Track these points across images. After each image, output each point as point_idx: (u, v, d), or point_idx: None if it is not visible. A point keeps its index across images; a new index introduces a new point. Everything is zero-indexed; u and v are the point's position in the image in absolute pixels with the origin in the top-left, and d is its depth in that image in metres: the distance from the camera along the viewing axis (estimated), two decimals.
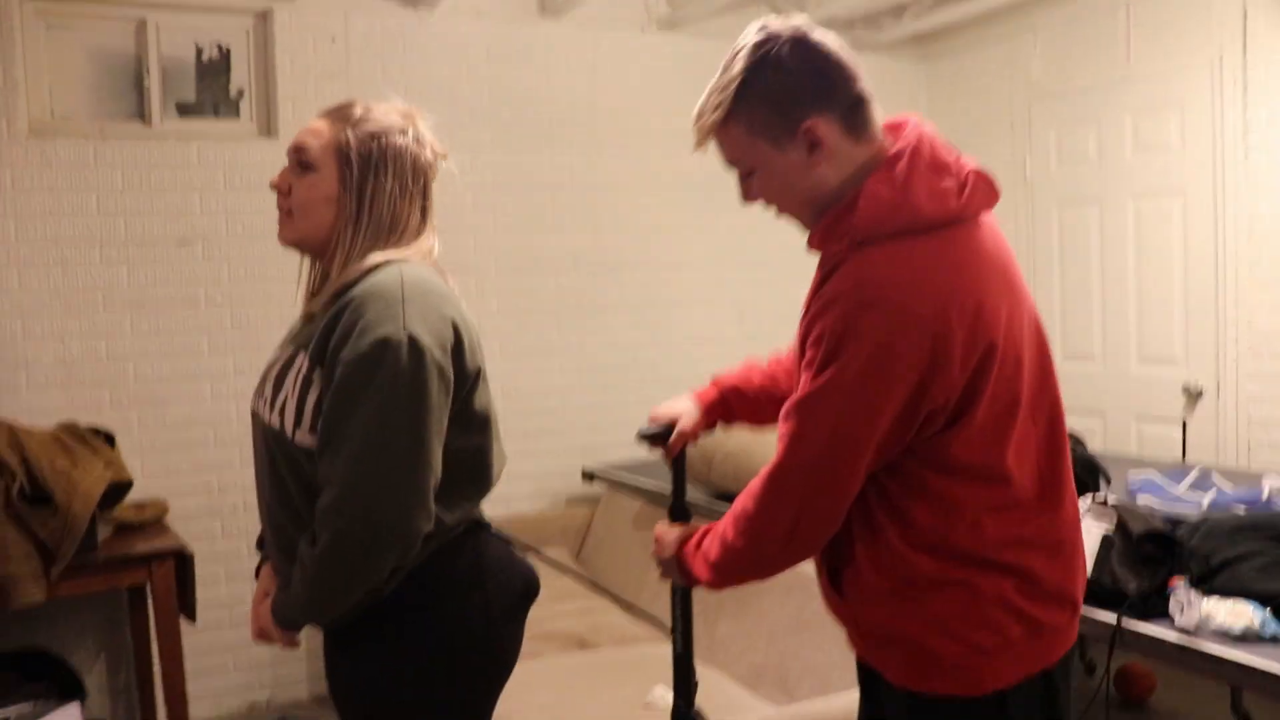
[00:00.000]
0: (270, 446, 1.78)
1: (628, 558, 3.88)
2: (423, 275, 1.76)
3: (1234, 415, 4.11)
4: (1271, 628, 2.08)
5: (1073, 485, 1.64)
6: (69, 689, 3.30)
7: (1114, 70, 4.50)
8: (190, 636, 3.62)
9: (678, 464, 2.00)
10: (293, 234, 1.84)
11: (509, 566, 1.90)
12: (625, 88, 4.62)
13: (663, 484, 3.86)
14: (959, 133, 5.19)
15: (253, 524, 3.98)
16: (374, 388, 1.63)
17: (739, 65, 1.54)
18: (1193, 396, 4.26)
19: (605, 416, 4.59)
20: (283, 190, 1.84)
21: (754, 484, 1.58)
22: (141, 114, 3.92)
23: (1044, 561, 1.57)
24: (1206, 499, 2.98)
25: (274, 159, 3.92)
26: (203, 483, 3.87)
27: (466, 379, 1.75)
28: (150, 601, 3.33)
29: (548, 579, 1.99)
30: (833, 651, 2.80)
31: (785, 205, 1.62)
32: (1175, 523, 2.47)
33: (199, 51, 4.00)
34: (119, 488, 3.27)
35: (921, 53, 5.34)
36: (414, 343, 1.65)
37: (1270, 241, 3.98)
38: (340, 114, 1.85)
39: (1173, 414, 4.30)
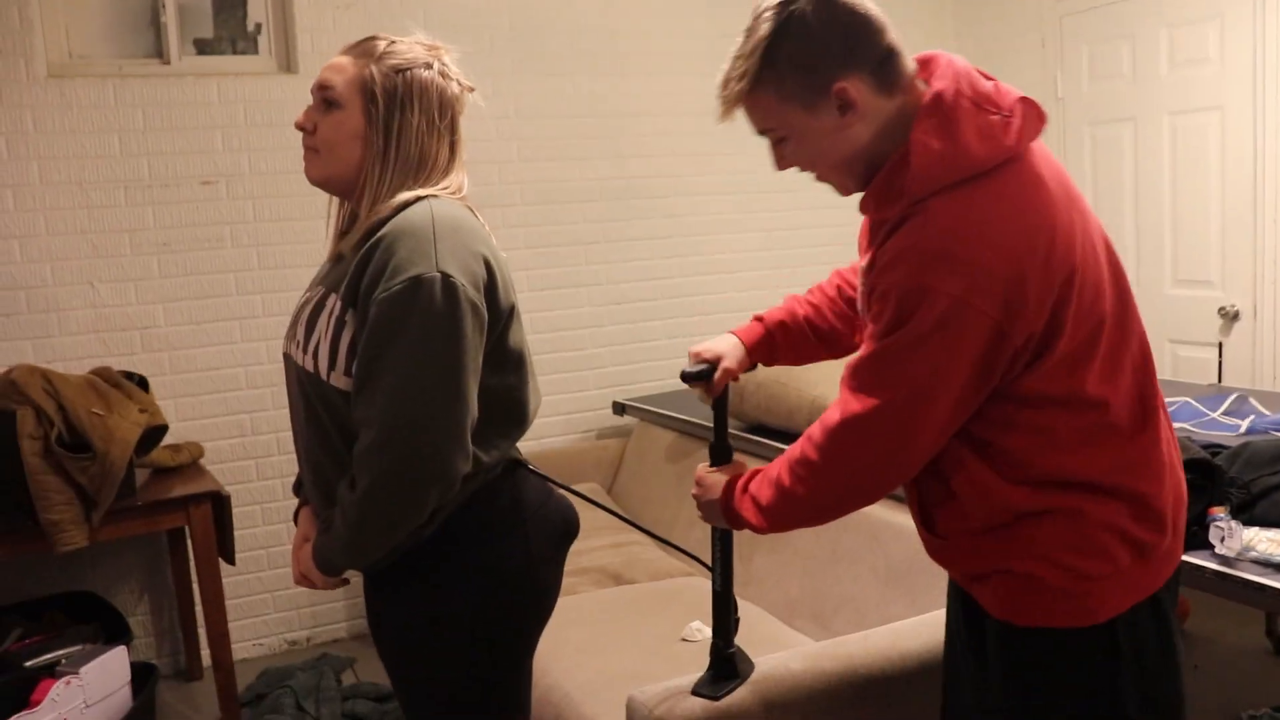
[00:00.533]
0: (306, 390, 1.77)
1: (662, 490, 3.89)
2: (454, 211, 1.73)
3: (1271, 338, 4.06)
4: None
5: (1164, 403, 1.61)
6: (115, 630, 3.36)
7: None
8: (229, 577, 3.69)
9: (720, 404, 1.96)
10: (319, 172, 1.82)
11: (548, 505, 1.90)
12: (647, 11, 4.53)
13: (695, 416, 3.86)
14: (987, 52, 5.07)
15: (287, 465, 4.03)
16: (408, 327, 1.61)
17: (763, 29, 1.48)
18: (1229, 319, 4.20)
19: (635, 348, 4.58)
20: (308, 128, 1.81)
21: (816, 431, 1.55)
22: (160, 52, 3.87)
23: (1150, 484, 1.54)
24: (1245, 424, 2.96)
25: (294, 95, 3.92)
26: (236, 424, 3.90)
27: (500, 316, 1.74)
28: (190, 544, 3.37)
29: (583, 514, 1.99)
30: (868, 584, 2.81)
31: (822, 170, 1.58)
32: (1214, 450, 2.44)
33: None
34: (155, 432, 3.30)
35: None
36: (447, 280, 1.62)
37: None
38: (364, 49, 1.81)
39: (1208, 337, 4.25)
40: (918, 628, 2.26)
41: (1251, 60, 4.02)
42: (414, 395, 1.61)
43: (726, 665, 2.08)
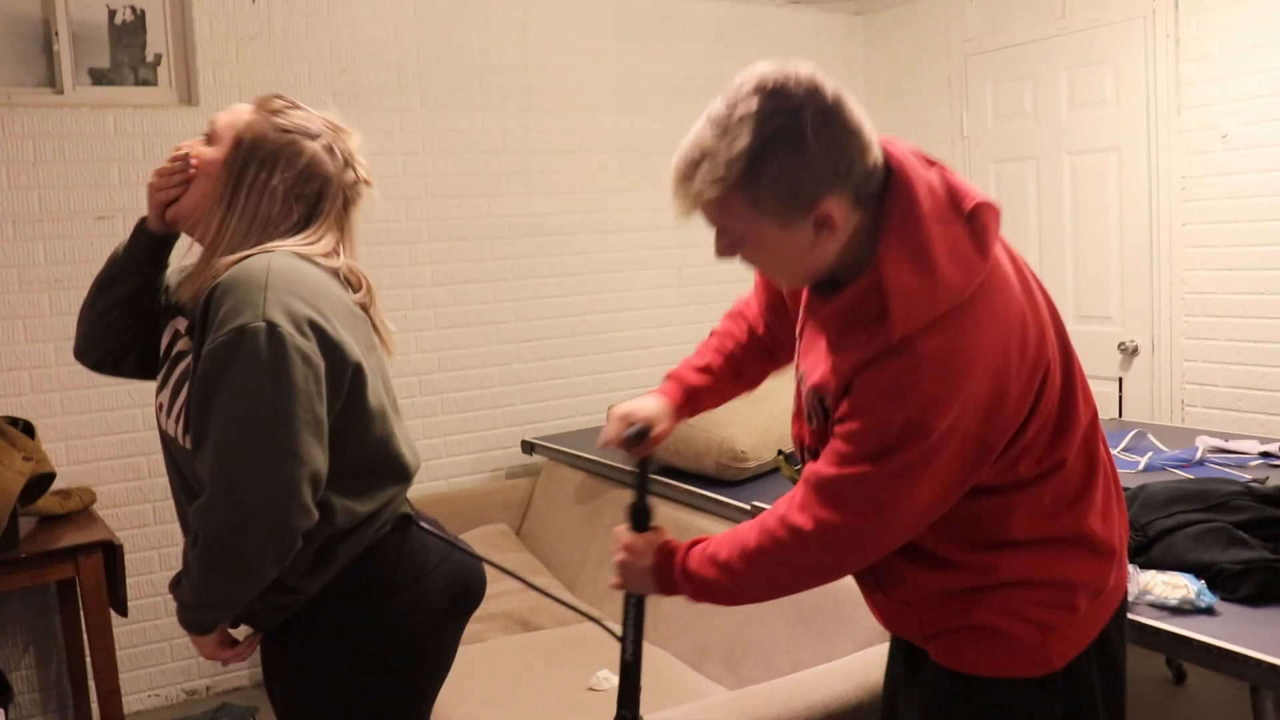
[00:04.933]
0: (172, 452, 1.75)
1: (571, 530, 3.84)
2: (292, 265, 1.66)
3: (1169, 373, 4.17)
4: (1207, 598, 2.11)
5: (1102, 433, 1.60)
6: None
7: (1049, 25, 4.48)
8: (124, 626, 3.55)
9: (643, 464, 1.88)
10: (176, 205, 1.78)
11: (445, 564, 1.84)
12: (558, 47, 4.52)
13: (604, 457, 3.83)
14: (896, 89, 5.16)
15: None
16: (229, 379, 1.55)
17: (745, 137, 1.33)
18: (1129, 354, 4.30)
19: (545, 386, 4.55)
20: (177, 157, 1.77)
21: (777, 528, 1.49)
22: (52, 81, 3.75)
23: (1101, 523, 1.54)
24: (1143, 460, 3.02)
25: (195, 127, 3.80)
26: (131, 466, 3.76)
27: (344, 372, 1.66)
28: (79, 594, 3.23)
29: (490, 558, 1.93)
30: (776, 628, 2.80)
31: (772, 274, 1.53)
32: None
33: (111, 14, 3.83)
34: (41, 480, 3.16)
35: (857, 6, 5.27)
36: (273, 329, 1.56)
37: (1202, 199, 4.01)
38: (263, 101, 1.79)
39: (1109, 372, 4.35)
40: (823, 677, 2.25)
41: (1144, 102, 4.14)
42: (240, 453, 1.55)
43: None
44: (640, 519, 1.78)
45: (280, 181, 1.73)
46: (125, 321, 1.88)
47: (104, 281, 1.88)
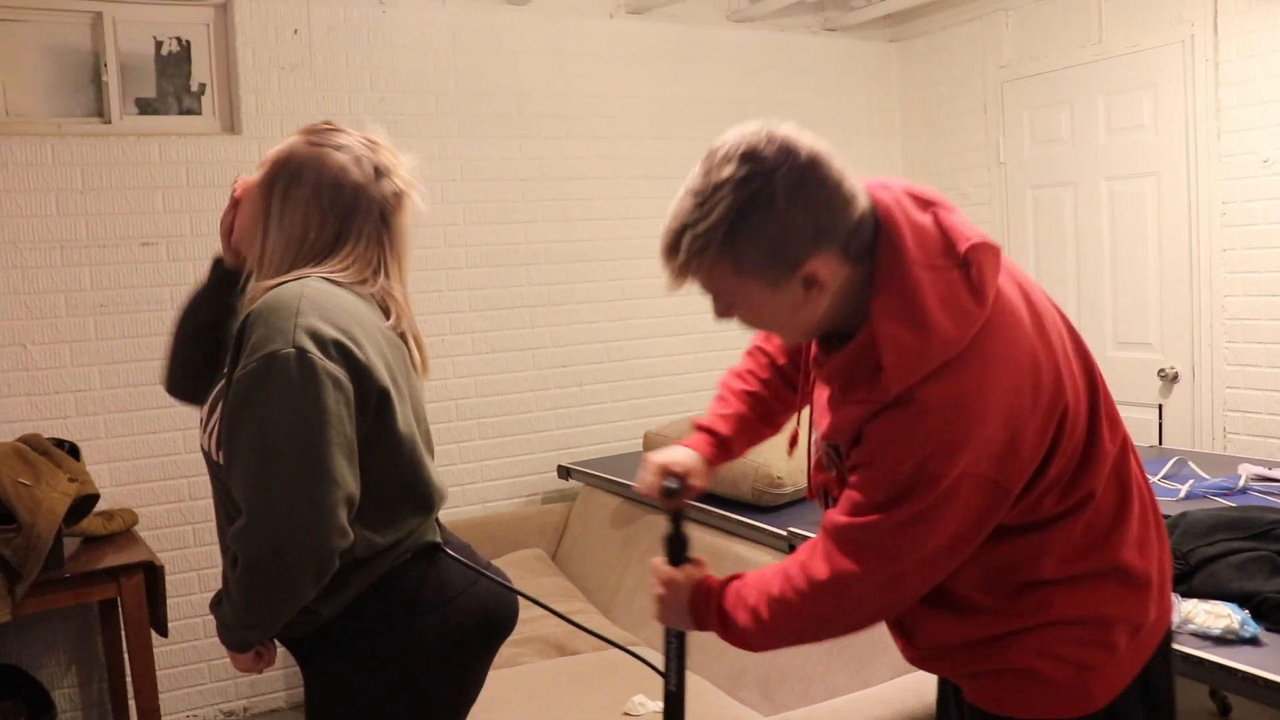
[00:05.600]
0: (212, 472, 1.77)
1: (607, 555, 3.84)
2: (325, 290, 1.69)
3: (1209, 400, 4.12)
4: (1251, 628, 2.08)
5: (1139, 460, 1.56)
6: (39, 706, 3.24)
7: (1086, 50, 4.47)
8: (164, 646, 3.59)
9: (678, 518, 1.85)
10: (234, 232, 1.86)
11: (470, 592, 1.83)
12: (594, 74, 4.56)
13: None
14: (932, 115, 5.16)
15: None
16: (260, 404, 1.58)
17: (721, 206, 1.33)
18: (1169, 381, 4.25)
19: (581, 411, 4.56)
20: (234, 192, 1.85)
21: (798, 577, 1.48)
22: (100, 111, 3.83)
23: (1138, 556, 1.50)
24: (1184, 489, 2.99)
25: (237, 155, 3.89)
26: (173, 489, 3.81)
27: (370, 396, 1.67)
28: (121, 614, 3.27)
29: (527, 583, 1.94)
30: (812, 654, 2.78)
31: (770, 332, 1.53)
32: None
33: (158, 45, 3.91)
34: (85, 501, 3.21)
35: (893, 33, 5.29)
36: (303, 354, 1.58)
37: (1242, 224, 3.97)
38: (309, 128, 1.84)
39: (1149, 398, 4.30)
40: (859, 704, 2.24)
41: (1183, 127, 4.11)
42: (274, 478, 1.56)
43: None
44: (677, 551, 1.77)
45: (309, 193, 1.75)
46: (197, 350, 1.91)
47: (182, 310, 1.94)
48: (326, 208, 1.75)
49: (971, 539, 1.40)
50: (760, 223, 1.32)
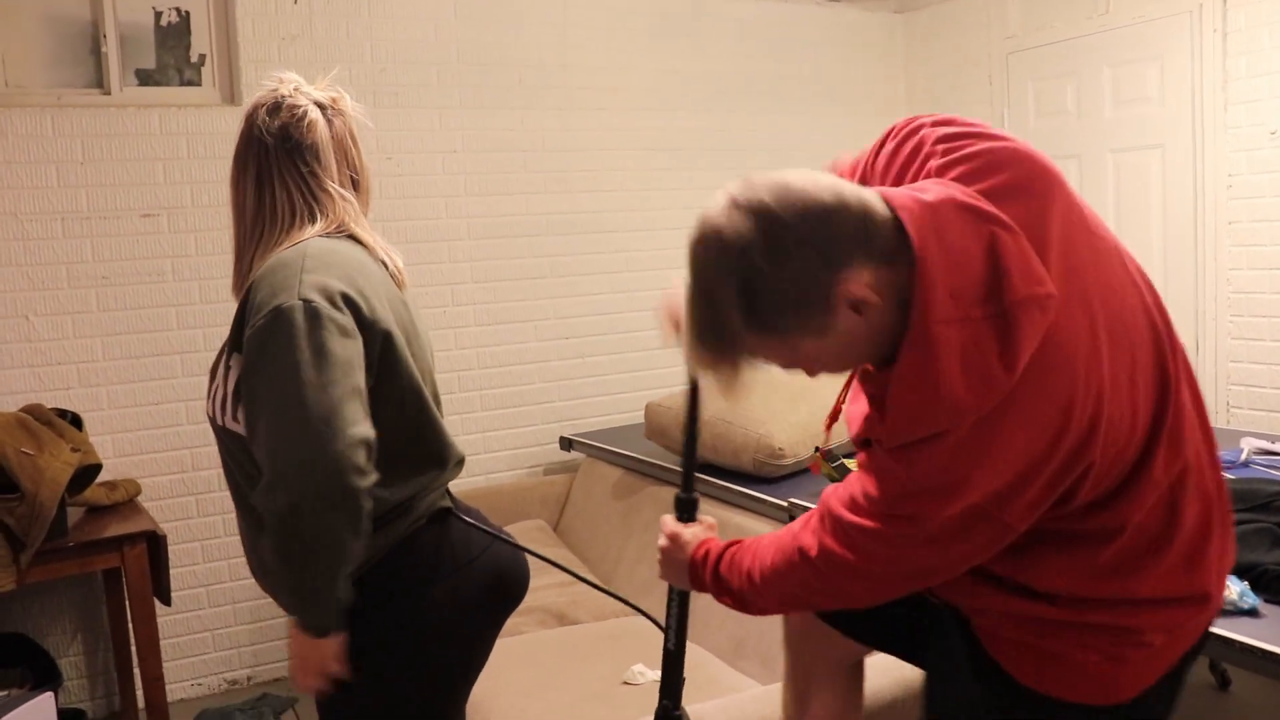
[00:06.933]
0: (219, 439, 1.77)
1: (608, 527, 3.85)
2: (329, 245, 1.71)
3: (1213, 374, 4.11)
4: (1250, 600, 2.08)
5: (1198, 480, 1.44)
6: (45, 674, 3.26)
7: (1092, 21, 4.43)
8: (168, 616, 3.61)
9: (689, 446, 1.91)
10: None
11: (483, 558, 1.85)
12: (596, 46, 4.53)
13: (642, 454, 3.85)
14: (937, 87, 5.12)
15: (228, 500, 3.97)
16: (272, 357, 1.58)
17: (727, 299, 1.28)
18: None
19: (583, 383, 4.56)
20: None
21: (788, 541, 1.49)
22: (100, 82, 3.81)
23: (1162, 580, 1.42)
24: None
25: (237, 126, 3.84)
26: (176, 460, 3.82)
27: (375, 345, 1.68)
28: (125, 583, 3.29)
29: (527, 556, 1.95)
30: None
31: (850, 368, 1.47)
32: None
33: (157, 16, 3.88)
34: (88, 471, 3.22)
35: (898, 4, 5.24)
36: (309, 305, 1.59)
37: (1249, 197, 3.95)
38: None
39: None
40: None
41: (1190, 98, 4.09)
42: (292, 427, 1.56)
43: None
44: (687, 510, 1.82)
45: (260, 128, 1.78)
46: None
47: None
48: (281, 141, 1.78)
49: (969, 560, 1.39)
50: (759, 290, 1.27)
